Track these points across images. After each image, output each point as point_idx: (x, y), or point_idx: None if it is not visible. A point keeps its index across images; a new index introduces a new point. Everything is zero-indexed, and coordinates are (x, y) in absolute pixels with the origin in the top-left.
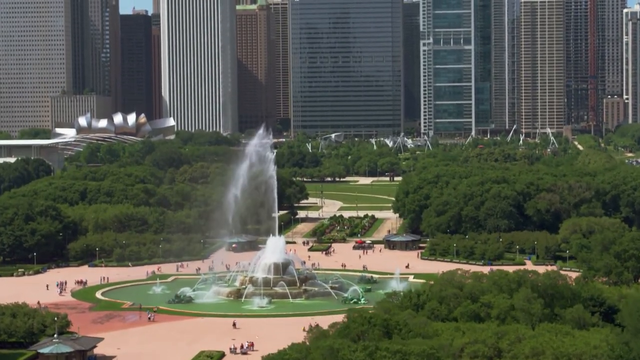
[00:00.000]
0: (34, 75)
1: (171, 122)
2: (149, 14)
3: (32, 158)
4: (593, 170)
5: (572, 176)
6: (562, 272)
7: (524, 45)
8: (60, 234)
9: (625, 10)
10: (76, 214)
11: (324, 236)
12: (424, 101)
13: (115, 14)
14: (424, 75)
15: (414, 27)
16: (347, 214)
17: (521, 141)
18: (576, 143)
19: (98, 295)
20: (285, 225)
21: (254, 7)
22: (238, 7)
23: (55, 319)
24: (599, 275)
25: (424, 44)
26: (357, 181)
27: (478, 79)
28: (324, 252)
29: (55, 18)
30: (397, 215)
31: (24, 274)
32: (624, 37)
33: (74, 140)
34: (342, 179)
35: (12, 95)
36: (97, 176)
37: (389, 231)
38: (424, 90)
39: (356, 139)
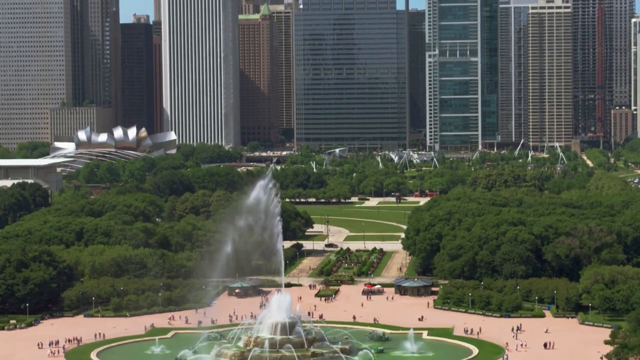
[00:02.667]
0: (33, 87)
1: (172, 136)
2: (150, 20)
3: (29, 182)
4: (609, 203)
5: (591, 217)
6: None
7: (532, 56)
8: (55, 282)
9: (633, 20)
10: (72, 257)
11: (330, 276)
12: (430, 114)
13: (116, 22)
14: (430, 88)
15: (419, 36)
16: (354, 245)
17: (529, 158)
18: (585, 157)
19: (93, 356)
20: (290, 261)
21: (256, 16)
22: (240, 16)
23: None
24: (633, 354)
25: (429, 56)
26: (363, 202)
27: (485, 91)
28: (332, 298)
29: (55, 29)
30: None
31: (15, 327)
32: (632, 47)
33: (73, 155)
34: (347, 200)
35: (11, 107)
36: (95, 208)
37: (399, 269)
38: (430, 103)
39: (360, 152)
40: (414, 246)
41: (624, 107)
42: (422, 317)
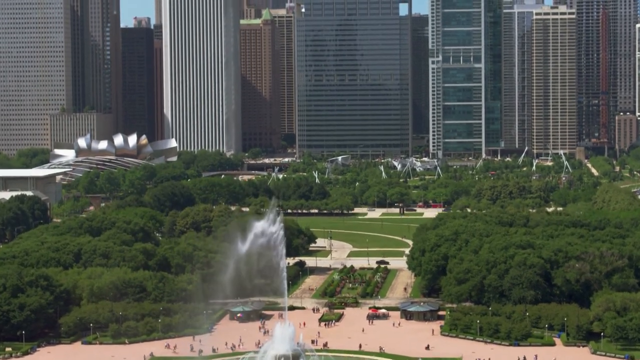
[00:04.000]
0: (33, 92)
1: (173, 143)
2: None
3: (28, 195)
4: (618, 220)
5: (601, 238)
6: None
7: (536, 62)
8: (52, 308)
9: (638, 26)
10: (69, 281)
11: (334, 297)
12: (433, 120)
13: (116, 27)
14: (433, 94)
15: (423, 40)
16: (357, 262)
17: (534, 166)
18: (589, 166)
19: None
20: (293, 280)
21: (258, 21)
22: (242, 21)
23: None
24: None
25: (432, 62)
26: (366, 214)
27: (488, 97)
28: (336, 323)
29: (55, 34)
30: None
31: (11, 356)
32: (637, 52)
33: (73, 163)
34: (350, 212)
35: (11, 113)
36: (94, 225)
37: (405, 289)
38: (433, 109)
39: (363, 160)
40: (419, 267)
41: (628, 113)
42: (429, 345)
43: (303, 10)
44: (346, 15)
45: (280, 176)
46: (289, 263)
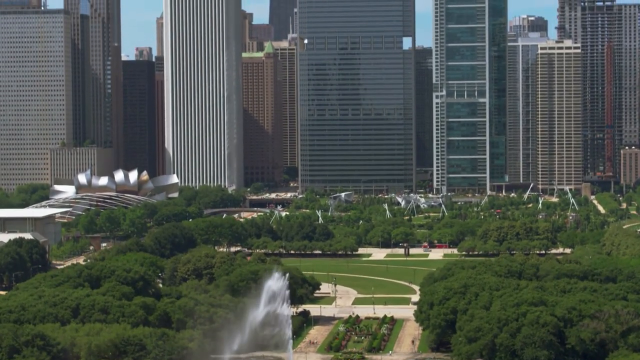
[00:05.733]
0: (33, 126)
1: (174, 179)
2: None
3: (26, 238)
4: (630, 270)
5: (615, 292)
6: None
7: (541, 97)
8: None
9: None
10: (67, 338)
11: (340, 352)
12: (437, 155)
13: (117, 59)
14: (437, 129)
15: (426, 73)
16: (363, 311)
17: (540, 204)
18: (596, 202)
19: None
20: (297, 331)
21: (260, 54)
22: (244, 54)
23: None
24: None
25: (436, 97)
26: (371, 255)
27: (493, 132)
28: None
29: (55, 67)
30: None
31: None
32: None
33: (73, 199)
34: (354, 252)
35: (10, 148)
36: (93, 273)
37: (412, 341)
38: (437, 144)
39: (366, 195)
40: (427, 321)
41: (633, 147)
42: None
43: (306, 41)
44: (349, 49)
45: (283, 214)
46: (293, 313)
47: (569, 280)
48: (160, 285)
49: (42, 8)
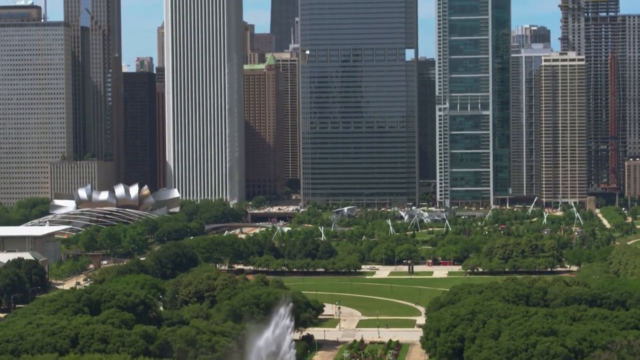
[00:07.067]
0: (33, 140)
1: (175, 193)
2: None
3: (25, 259)
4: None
5: (626, 320)
6: None
7: (544, 109)
8: None
9: None
10: None
11: None
12: (440, 168)
13: (118, 71)
14: (440, 142)
15: (429, 83)
16: (367, 334)
17: (545, 219)
18: (600, 216)
19: None
20: (301, 358)
21: (262, 66)
22: (245, 66)
23: None
24: None
25: (439, 109)
26: (374, 272)
27: (496, 145)
28: None
29: (55, 80)
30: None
31: None
32: None
33: (74, 214)
34: (357, 270)
35: (10, 161)
36: (93, 297)
37: None
38: (440, 157)
39: (369, 209)
40: (434, 348)
41: (637, 159)
42: None
43: (308, 52)
44: (351, 60)
45: (285, 229)
46: (297, 338)
47: (578, 307)
48: (162, 309)
49: (43, 20)
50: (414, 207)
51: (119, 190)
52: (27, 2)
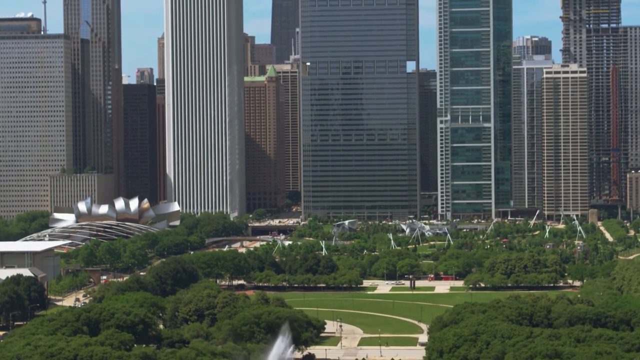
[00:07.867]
0: (32, 153)
1: (175, 207)
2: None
3: (24, 275)
4: None
5: (631, 341)
6: None
7: (546, 121)
8: None
9: None
10: None
11: None
12: (441, 181)
13: (118, 83)
14: (441, 154)
15: (431, 95)
16: (369, 353)
17: (547, 233)
18: (603, 229)
19: None
20: None
21: (262, 78)
22: (246, 78)
23: None
24: None
25: (441, 122)
26: (376, 288)
27: (498, 158)
28: None
29: (55, 93)
30: None
31: None
32: None
33: (73, 228)
34: (359, 286)
35: (9, 174)
36: (92, 316)
37: None
38: (441, 170)
39: (370, 222)
40: None
41: (639, 171)
42: None
43: (308, 64)
44: (352, 72)
45: (286, 243)
46: (298, 357)
47: (582, 327)
48: (161, 327)
49: (42, 33)
50: (415, 220)
51: (119, 203)
52: (27, 15)
